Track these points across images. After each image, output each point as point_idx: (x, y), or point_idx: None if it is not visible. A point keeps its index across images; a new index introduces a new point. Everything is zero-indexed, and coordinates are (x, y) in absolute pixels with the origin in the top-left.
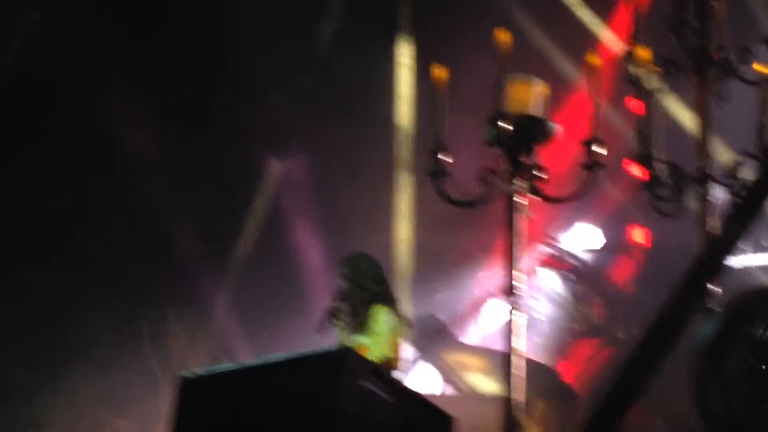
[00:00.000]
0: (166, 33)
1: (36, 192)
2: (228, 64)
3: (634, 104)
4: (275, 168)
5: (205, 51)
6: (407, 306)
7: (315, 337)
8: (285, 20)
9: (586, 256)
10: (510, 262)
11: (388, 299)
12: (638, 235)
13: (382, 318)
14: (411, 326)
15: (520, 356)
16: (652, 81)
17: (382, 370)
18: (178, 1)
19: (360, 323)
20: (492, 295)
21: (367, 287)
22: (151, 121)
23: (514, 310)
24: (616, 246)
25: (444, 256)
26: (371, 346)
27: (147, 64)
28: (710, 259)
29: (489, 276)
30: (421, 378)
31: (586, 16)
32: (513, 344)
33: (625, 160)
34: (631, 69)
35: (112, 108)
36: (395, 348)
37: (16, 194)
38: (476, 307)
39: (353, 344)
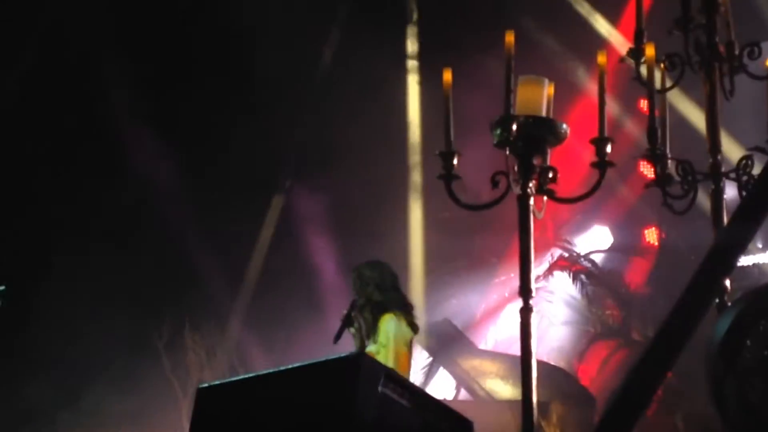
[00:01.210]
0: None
1: (60, 211)
2: (237, 76)
3: (644, 104)
4: (289, 179)
5: (217, 62)
6: (422, 312)
7: (331, 347)
8: (294, 26)
9: (599, 258)
10: (524, 265)
11: (398, 307)
12: (651, 236)
13: (385, 327)
14: (418, 333)
15: (535, 359)
16: (660, 78)
17: (399, 375)
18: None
19: (368, 332)
20: (507, 300)
21: (368, 295)
22: (169, 138)
23: (529, 314)
24: (629, 247)
25: (458, 262)
26: (375, 356)
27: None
28: (722, 256)
29: (503, 281)
30: (438, 383)
31: (596, 18)
32: (528, 347)
33: (636, 161)
34: (638, 66)
35: (133, 134)
36: (402, 357)
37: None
38: (491, 312)
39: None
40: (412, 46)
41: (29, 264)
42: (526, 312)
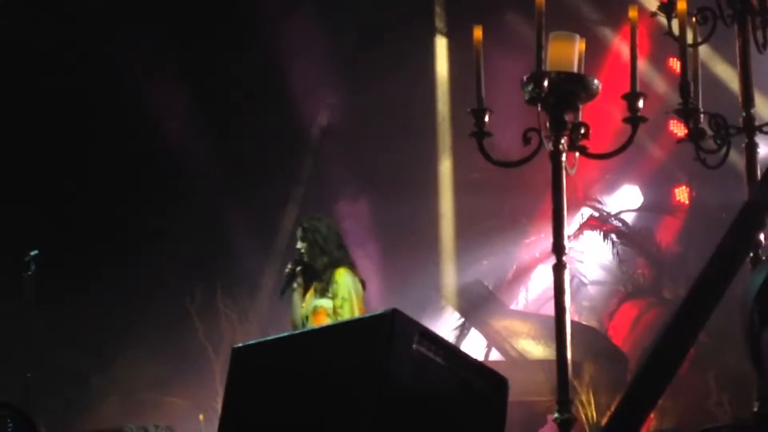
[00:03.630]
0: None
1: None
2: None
3: (674, 63)
4: (318, 137)
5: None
6: (453, 274)
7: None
8: None
9: (629, 218)
10: (557, 221)
11: (350, 263)
12: (682, 194)
13: (345, 281)
14: (366, 288)
15: (568, 317)
16: (691, 33)
17: (433, 333)
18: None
19: (321, 286)
20: (537, 260)
21: (327, 250)
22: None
23: (562, 270)
24: (659, 206)
25: (488, 223)
26: (335, 309)
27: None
28: (756, 210)
29: (533, 242)
30: (470, 344)
31: None
32: (562, 304)
33: (666, 120)
34: (670, 21)
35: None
36: (361, 312)
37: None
38: (522, 272)
39: (314, 308)
40: (440, 5)
41: (62, 229)
42: (559, 269)
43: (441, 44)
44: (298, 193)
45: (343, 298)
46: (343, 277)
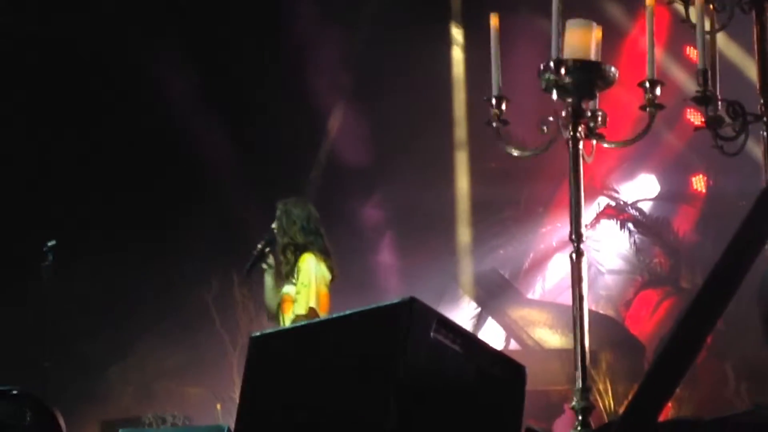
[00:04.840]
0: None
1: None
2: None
3: (690, 51)
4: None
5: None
6: (469, 263)
7: (380, 297)
8: None
9: (646, 206)
10: (574, 209)
11: (319, 250)
12: (699, 183)
13: (306, 266)
14: (337, 278)
15: (585, 306)
16: (708, 20)
17: (450, 321)
18: None
19: (289, 272)
20: (554, 249)
21: (293, 235)
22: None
23: (580, 258)
24: (676, 195)
25: (504, 213)
26: (296, 295)
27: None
28: None
29: (550, 230)
30: (486, 334)
31: None
32: (580, 292)
33: (682, 109)
34: (687, 8)
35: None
36: (323, 298)
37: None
38: (539, 261)
39: (281, 295)
40: None
41: (80, 219)
42: (577, 257)
43: (457, 33)
44: (315, 183)
45: (303, 284)
46: (305, 263)
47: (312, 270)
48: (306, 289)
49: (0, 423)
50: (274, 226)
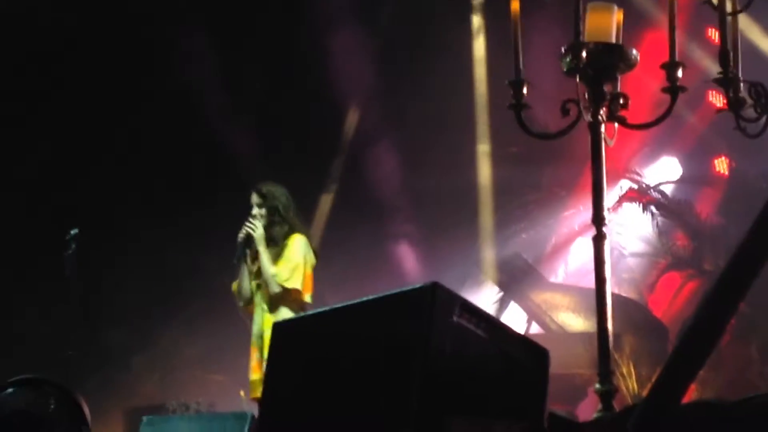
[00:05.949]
0: None
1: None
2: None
3: (712, 33)
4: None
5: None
6: (492, 247)
7: (402, 282)
8: None
9: (669, 189)
10: (597, 192)
11: (303, 232)
12: (721, 165)
13: (296, 246)
14: (319, 258)
15: (608, 289)
16: (730, 1)
17: (473, 305)
18: None
19: (276, 251)
20: (577, 233)
21: (288, 217)
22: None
23: (602, 242)
24: (698, 177)
25: (526, 197)
26: (277, 266)
27: None
28: None
29: (572, 214)
30: (509, 317)
31: None
32: (602, 275)
33: (704, 91)
34: None
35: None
36: (308, 279)
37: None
38: (561, 245)
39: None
40: None
41: (104, 208)
42: (599, 240)
43: (477, 19)
44: (337, 171)
45: (287, 259)
46: (296, 242)
47: (302, 251)
48: (291, 266)
49: (24, 411)
50: (256, 211)
